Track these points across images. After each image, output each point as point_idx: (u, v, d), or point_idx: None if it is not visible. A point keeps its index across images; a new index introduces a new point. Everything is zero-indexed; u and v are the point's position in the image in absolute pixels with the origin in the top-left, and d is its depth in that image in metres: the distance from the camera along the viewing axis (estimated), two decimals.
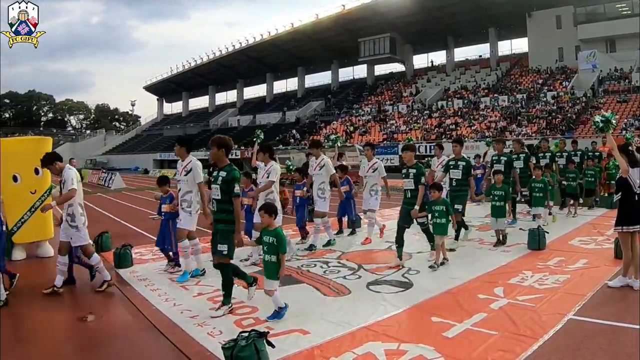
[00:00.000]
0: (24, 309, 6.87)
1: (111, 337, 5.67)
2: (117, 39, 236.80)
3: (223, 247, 6.46)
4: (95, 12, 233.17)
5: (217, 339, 5.44)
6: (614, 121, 7.86)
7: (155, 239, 9.18)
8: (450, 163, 10.67)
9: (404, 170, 9.04)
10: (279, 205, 8.22)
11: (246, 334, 4.58)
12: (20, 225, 9.80)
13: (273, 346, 4.66)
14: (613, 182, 13.54)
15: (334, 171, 10.71)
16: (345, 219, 12.34)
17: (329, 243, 10.69)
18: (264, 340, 4.57)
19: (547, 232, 10.04)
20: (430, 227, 8.90)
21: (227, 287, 6.57)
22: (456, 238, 10.31)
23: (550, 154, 15.30)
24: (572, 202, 14.45)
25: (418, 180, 8.69)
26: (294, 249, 9.79)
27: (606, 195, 16.41)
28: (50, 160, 7.63)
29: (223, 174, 6.54)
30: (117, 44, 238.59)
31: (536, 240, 9.73)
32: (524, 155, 13.59)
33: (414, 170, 8.78)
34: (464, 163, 10.51)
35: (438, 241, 8.61)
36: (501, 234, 10.37)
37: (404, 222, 8.88)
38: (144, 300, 7.11)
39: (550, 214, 12.85)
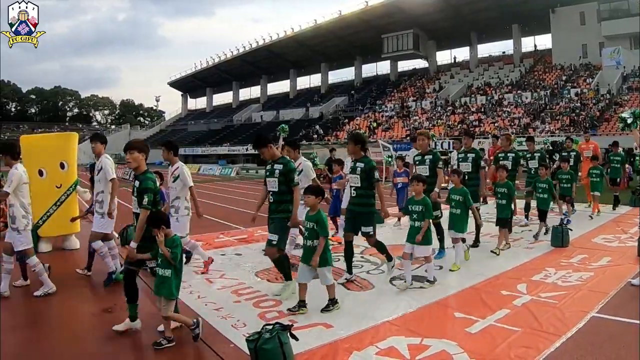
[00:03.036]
0: (51, 299, 6.99)
1: (135, 328, 5.75)
2: (143, 36, 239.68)
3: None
4: (121, 9, 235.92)
5: (240, 331, 5.50)
6: None
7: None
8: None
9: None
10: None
11: (270, 327, 4.62)
12: (45, 218, 9.92)
13: (297, 339, 4.68)
14: (597, 192, 13.87)
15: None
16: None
17: None
18: (288, 333, 4.61)
19: (571, 230, 9.97)
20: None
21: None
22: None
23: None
24: (564, 203, 12.86)
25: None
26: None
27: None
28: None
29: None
30: (143, 41, 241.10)
31: (559, 238, 9.69)
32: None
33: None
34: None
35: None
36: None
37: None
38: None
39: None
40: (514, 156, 11.64)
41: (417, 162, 9.12)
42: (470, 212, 8.54)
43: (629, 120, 7.69)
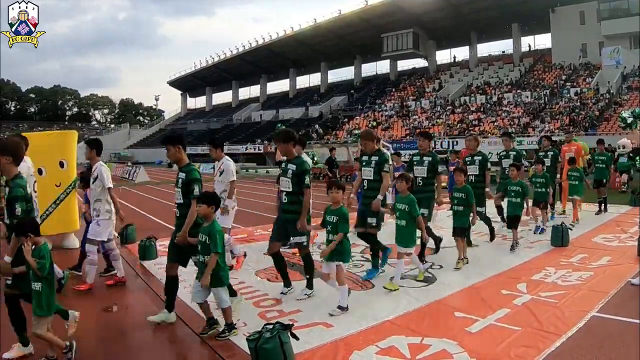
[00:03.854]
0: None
1: (136, 328, 5.76)
2: (143, 35, 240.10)
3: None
4: (121, 9, 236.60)
5: (241, 330, 5.49)
6: None
7: None
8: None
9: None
10: None
11: (270, 326, 4.62)
12: (45, 217, 9.93)
13: (297, 338, 4.69)
14: (577, 196, 12.60)
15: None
16: None
17: None
18: (288, 333, 4.60)
19: (571, 229, 9.95)
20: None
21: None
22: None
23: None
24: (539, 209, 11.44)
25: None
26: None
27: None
28: None
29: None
30: (143, 40, 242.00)
31: (559, 237, 9.68)
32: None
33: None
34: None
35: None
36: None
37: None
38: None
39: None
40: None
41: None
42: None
43: (629, 120, 7.71)
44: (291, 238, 6.78)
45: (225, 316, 5.46)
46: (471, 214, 8.42)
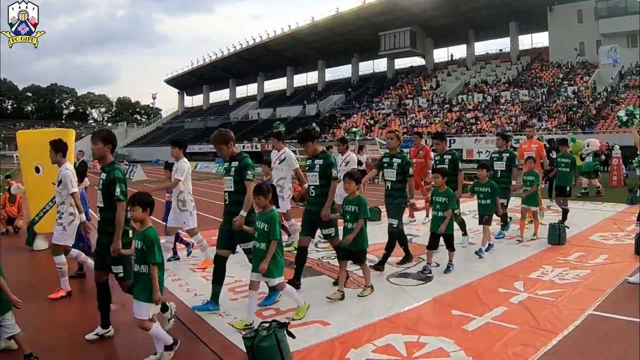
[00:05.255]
0: (48, 298, 6.97)
1: (132, 326, 5.74)
2: (143, 33, 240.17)
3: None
4: (120, 6, 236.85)
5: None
6: (638, 116, 7.77)
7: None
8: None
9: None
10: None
11: (267, 325, 4.62)
12: (42, 215, 9.94)
13: (294, 337, 4.69)
14: (532, 206, 10.42)
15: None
16: None
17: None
18: (285, 331, 4.61)
19: (568, 227, 9.96)
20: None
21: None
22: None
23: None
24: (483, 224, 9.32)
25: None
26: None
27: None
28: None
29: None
30: (142, 38, 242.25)
31: (556, 235, 9.68)
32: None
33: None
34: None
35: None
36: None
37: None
38: (165, 289, 7.15)
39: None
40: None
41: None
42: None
43: (624, 119, 7.70)
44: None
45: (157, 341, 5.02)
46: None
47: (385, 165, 8.37)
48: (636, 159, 14.83)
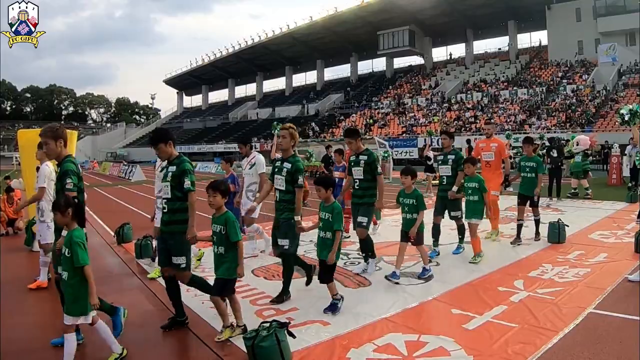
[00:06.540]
0: (48, 297, 6.97)
1: (132, 327, 5.73)
2: (141, 32, 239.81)
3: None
4: (118, 6, 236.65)
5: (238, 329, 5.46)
6: None
7: None
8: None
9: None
10: None
11: (267, 325, 4.62)
12: None
13: (294, 336, 4.69)
14: (475, 219, 8.41)
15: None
16: None
17: None
18: (285, 331, 4.61)
19: (567, 226, 9.95)
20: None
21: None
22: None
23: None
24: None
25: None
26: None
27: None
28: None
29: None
30: (141, 37, 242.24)
31: (556, 234, 9.68)
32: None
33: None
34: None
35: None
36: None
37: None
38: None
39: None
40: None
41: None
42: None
43: (626, 117, 7.70)
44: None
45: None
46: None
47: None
48: (637, 157, 14.66)
